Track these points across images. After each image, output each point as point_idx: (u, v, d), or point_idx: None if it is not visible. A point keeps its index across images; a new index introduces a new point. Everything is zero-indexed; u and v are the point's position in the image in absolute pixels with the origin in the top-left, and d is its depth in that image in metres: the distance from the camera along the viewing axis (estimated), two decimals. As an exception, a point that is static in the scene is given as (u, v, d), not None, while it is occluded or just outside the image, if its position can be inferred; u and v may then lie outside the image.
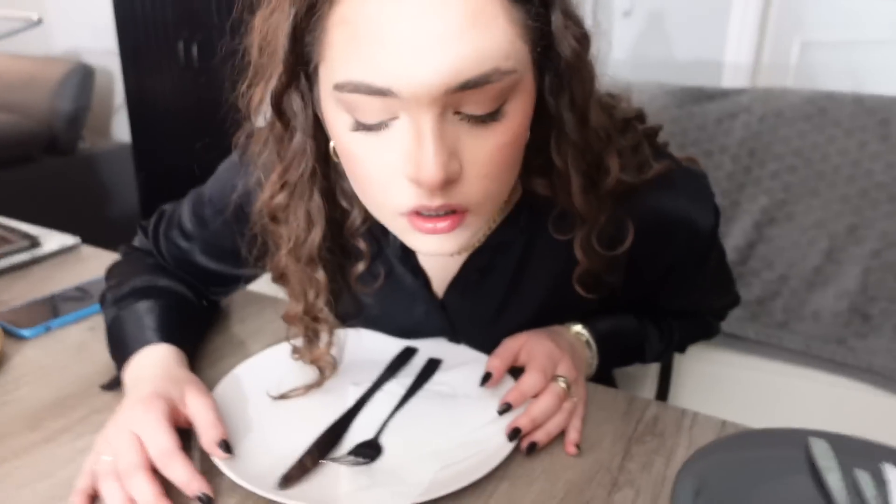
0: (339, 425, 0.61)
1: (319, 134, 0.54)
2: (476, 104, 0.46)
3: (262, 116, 0.56)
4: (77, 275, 0.98)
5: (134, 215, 2.66)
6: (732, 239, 1.13)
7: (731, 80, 1.88)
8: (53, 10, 3.00)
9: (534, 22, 0.48)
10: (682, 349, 0.87)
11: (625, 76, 2.03)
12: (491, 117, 0.47)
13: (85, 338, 0.81)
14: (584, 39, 0.51)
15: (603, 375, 0.90)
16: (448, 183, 0.47)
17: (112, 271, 0.79)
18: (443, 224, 0.50)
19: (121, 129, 2.94)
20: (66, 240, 1.07)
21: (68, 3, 2.93)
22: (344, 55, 0.46)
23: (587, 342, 0.72)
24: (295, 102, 0.53)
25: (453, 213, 0.50)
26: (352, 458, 0.57)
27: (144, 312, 0.69)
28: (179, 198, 0.79)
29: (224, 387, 0.66)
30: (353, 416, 0.63)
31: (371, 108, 0.47)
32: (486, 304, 0.70)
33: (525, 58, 0.48)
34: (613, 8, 1.96)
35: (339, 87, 0.47)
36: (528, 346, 0.66)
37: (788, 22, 1.95)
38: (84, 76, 2.61)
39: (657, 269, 0.70)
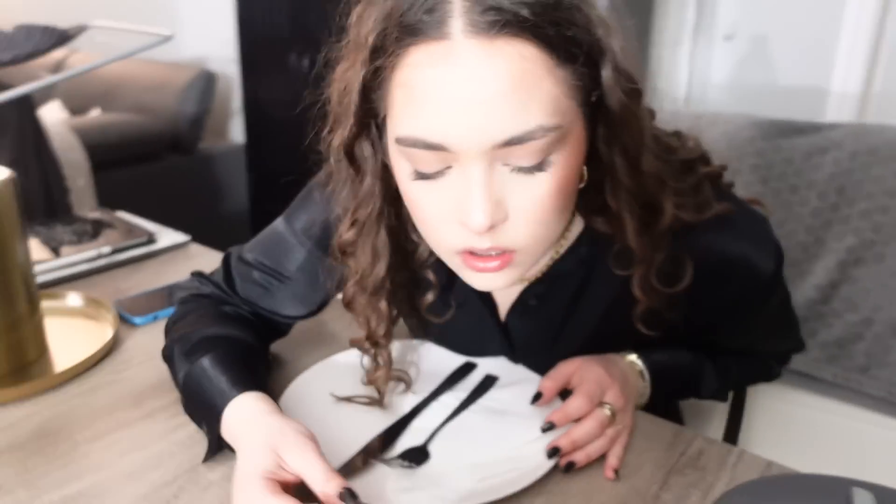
0: (393, 430, 0.67)
1: (388, 176, 0.60)
2: (522, 157, 0.51)
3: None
4: (185, 269, 1.09)
5: (244, 211, 2.85)
6: (815, 277, 1.11)
7: (837, 109, 1.80)
8: (185, 21, 3.26)
9: (580, 80, 0.52)
10: (740, 388, 0.87)
11: (722, 102, 2.02)
12: (537, 168, 0.52)
13: (186, 329, 0.91)
14: (633, 94, 0.54)
15: (668, 409, 0.92)
16: (494, 228, 0.53)
17: (173, 325, 0.75)
18: (492, 264, 0.55)
19: (237, 132, 3.16)
20: (178, 237, 1.19)
21: (198, 16, 3.18)
22: (403, 113, 0.52)
23: (641, 372, 0.74)
24: (365, 149, 0.59)
25: (502, 254, 0.55)
26: (399, 461, 0.62)
27: (219, 364, 0.65)
28: (285, 196, 0.81)
29: (295, 386, 0.74)
30: (407, 423, 0.69)
31: (427, 160, 0.52)
32: (543, 329, 0.74)
33: (572, 112, 0.52)
34: (715, 31, 1.93)
35: (400, 141, 0.53)
36: (581, 371, 0.69)
37: (905, 50, 1.85)
38: (207, 82, 2.82)
39: (714, 309, 0.72)
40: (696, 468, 0.66)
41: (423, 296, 0.72)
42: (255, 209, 2.75)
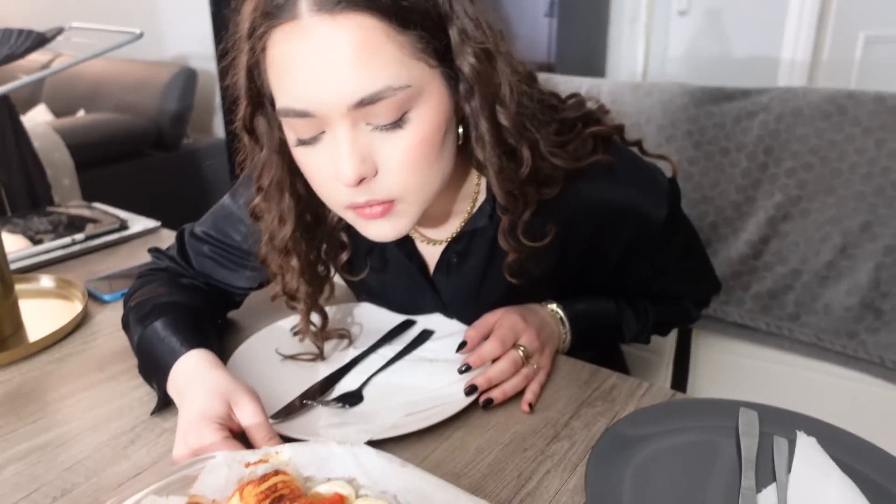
0: (331, 378, 0.74)
1: (285, 148, 0.66)
2: (379, 115, 0.58)
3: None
4: (155, 253, 1.16)
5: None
6: (747, 234, 1.18)
7: (788, 77, 1.87)
8: (165, 20, 3.32)
9: (424, 43, 0.58)
10: (662, 332, 0.94)
11: (679, 74, 2.09)
12: (396, 125, 0.59)
13: (152, 303, 0.98)
14: (482, 54, 0.61)
15: (612, 360, 0.98)
16: (366, 181, 0.60)
17: (130, 297, 0.81)
18: (376, 210, 0.62)
19: (221, 127, 3.23)
20: (149, 223, 1.26)
21: (177, 14, 3.24)
22: (276, 88, 0.60)
23: (560, 319, 0.81)
24: (261, 125, 0.67)
25: (382, 203, 0.62)
26: (334, 402, 0.69)
27: (169, 326, 0.71)
28: None
29: (245, 347, 0.80)
30: (346, 372, 0.76)
31: (302, 127, 0.60)
32: (467, 284, 0.81)
33: (423, 72, 0.59)
34: (671, 6, 1.99)
35: (278, 113, 0.61)
36: (501, 319, 0.76)
37: (851, 17, 1.91)
38: (188, 79, 2.88)
39: (612, 256, 0.79)
40: (606, 400, 0.73)
41: (338, 256, 0.79)
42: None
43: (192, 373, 0.66)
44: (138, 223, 1.26)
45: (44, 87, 3.23)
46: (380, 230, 0.65)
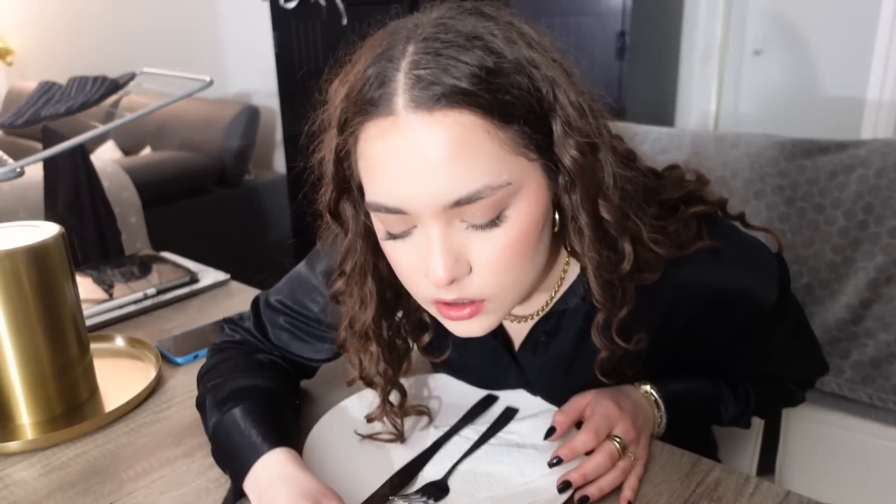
0: (414, 464, 0.70)
1: (371, 233, 0.64)
2: (475, 215, 0.55)
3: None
4: (226, 307, 1.15)
5: (289, 238, 2.93)
6: (846, 297, 1.09)
7: (874, 121, 1.77)
8: (228, 58, 3.40)
9: (526, 138, 0.55)
10: (762, 415, 0.87)
11: (753, 116, 2.02)
12: (492, 224, 0.56)
13: (224, 367, 0.96)
14: (586, 147, 0.57)
15: (700, 437, 0.92)
16: (457, 281, 0.57)
17: (206, 374, 0.78)
18: (464, 312, 0.59)
19: (281, 162, 3.27)
20: (219, 276, 1.25)
21: (241, 52, 3.31)
22: (366, 182, 0.57)
23: (655, 402, 0.75)
24: (347, 210, 0.65)
25: (472, 303, 0.59)
26: (418, 496, 0.65)
27: (249, 415, 0.68)
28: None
29: (319, 426, 0.77)
30: (428, 457, 0.72)
31: (393, 222, 0.57)
32: (555, 362, 0.76)
33: (523, 167, 0.55)
34: (745, 45, 1.92)
35: (368, 206, 0.58)
36: (592, 404, 0.71)
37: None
38: (250, 116, 2.93)
39: (718, 341, 0.73)
40: (712, 499, 0.67)
41: (421, 336, 0.75)
42: (296, 237, 2.82)
43: (275, 474, 0.63)
44: (208, 276, 1.25)
45: (116, 115, 3.33)
46: (467, 328, 0.61)
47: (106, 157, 2.83)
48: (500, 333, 0.77)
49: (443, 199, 0.53)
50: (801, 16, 1.87)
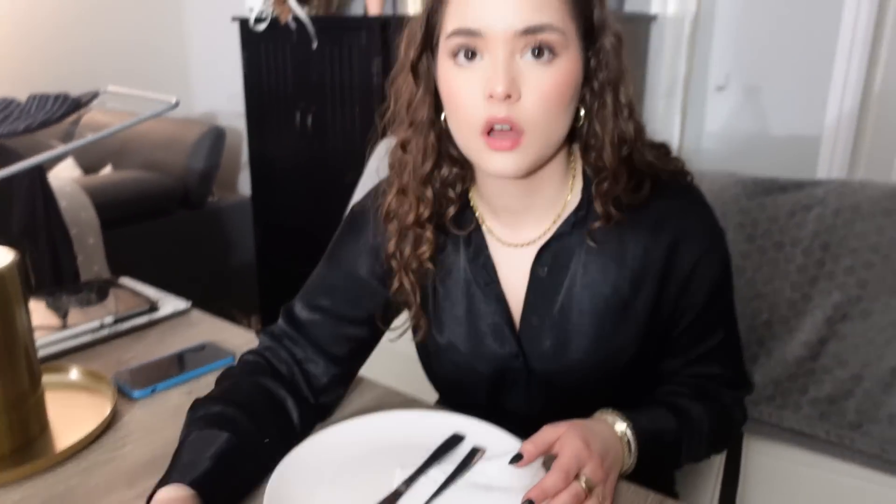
0: (379, 508, 0.69)
1: (435, 99, 0.78)
2: (537, 45, 0.69)
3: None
4: (186, 337, 1.13)
5: (253, 263, 2.89)
6: (803, 334, 1.12)
7: (830, 155, 1.83)
8: (196, 77, 3.37)
9: (579, 10, 0.72)
10: (715, 447, 0.89)
11: (715, 150, 2.05)
12: (547, 59, 0.70)
13: (182, 401, 0.93)
14: (619, 38, 0.75)
15: (662, 476, 0.93)
16: (510, 99, 0.69)
17: (217, 382, 0.85)
18: (505, 142, 0.71)
19: (246, 184, 3.23)
20: (179, 304, 1.23)
21: (208, 72, 3.28)
22: (455, 13, 0.72)
23: (628, 443, 0.75)
24: (423, 67, 0.79)
25: (513, 132, 0.71)
26: (383, 541, 0.64)
27: (189, 444, 0.72)
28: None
29: (286, 464, 0.75)
30: (395, 500, 0.70)
31: (469, 45, 0.71)
32: (551, 306, 0.83)
33: (572, 31, 0.71)
34: (708, 82, 1.97)
35: (450, 35, 0.72)
36: (562, 440, 0.71)
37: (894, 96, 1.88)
38: (216, 137, 2.89)
39: (699, 300, 0.83)
40: (675, 540, 0.67)
41: (447, 209, 0.84)
42: (260, 262, 2.79)
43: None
44: (168, 304, 1.22)
45: (76, 134, 3.25)
46: (504, 161, 0.72)
47: (64, 176, 2.76)
48: (492, 270, 0.85)
49: (517, 23, 0.68)
50: (761, 53, 1.93)
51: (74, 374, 0.98)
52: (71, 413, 0.89)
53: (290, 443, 0.79)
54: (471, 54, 0.71)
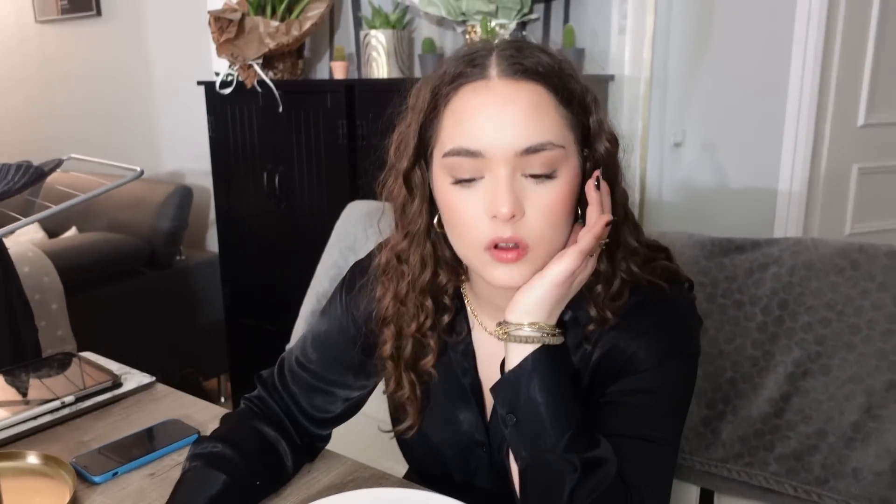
0: None
1: (430, 206, 0.78)
2: (537, 166, 0.69)
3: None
4: (151, 414, 1.10)
5: (220, 321, 2.85)
6: (767, 391, 1.14)
7: (786, 207, 1.89)
8: (164, 137, 3.37)
9: (576, 122, 0.72)
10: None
11: (675, 204, 2.10)
12: (547, 177, 0.70)
13: (144, 484, 0.91)
14: (614, 139, 0.75)
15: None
16: (514, 219, 0.69)
17: (223, 419, 0.93)
18: (510, 255, 0.70)
19: (215, 241, 3.21)
20: (143, 378, 1.20)
21: (176, 132, 3.29)
22: (452, 132, 0.71)
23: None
24: (417, 177, 0.77)
25: (518, 248, 0.70)
26: None
27: (184, 482, 0.80)
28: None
29: None
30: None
31: (466, 167, 0.70)
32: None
33: (570, 142, 0.72)
34: (665, 139, 2.03)
35: (447, 154, 0.71)
36: None
37: (844, 149, 1.96)
38: (183, 197, 2.88)
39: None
40: None
41: (443, 317, 0.84)
42: (229, 320, 2.76)
43: None
44: (132, 379, 1.20)
45: (37, 205, 3.22)
46: (510, 273, 0.71)
47: (26, 241, 2.72)
48: (475, 387, 0.85)
49: (517, 144, 0.68)
50: (714, 110, 2.00)
51: (32, 459, 0.95)
52: (28, 501, 0.86)
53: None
54: (470, 179, 0.70)
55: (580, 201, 0.74)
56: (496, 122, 0.68)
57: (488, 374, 0.84)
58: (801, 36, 1.82)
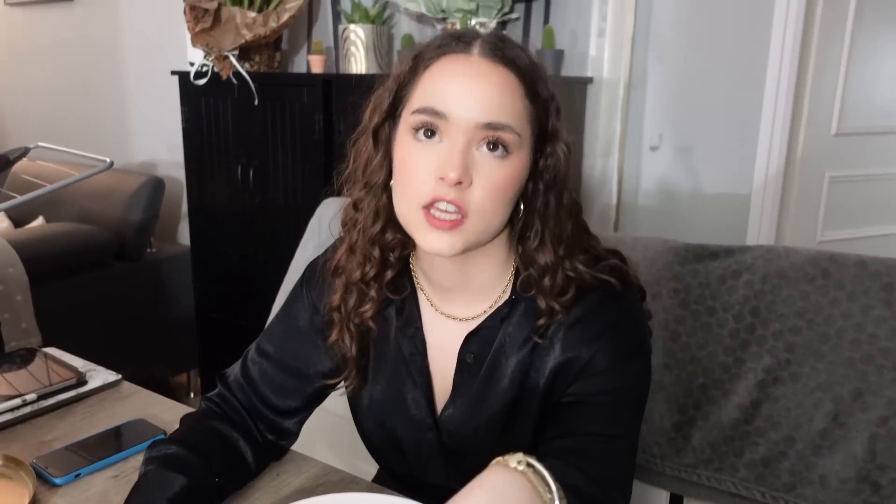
0: None
1: (390, 165, 0.79)
2: (492, 142, 0.72)
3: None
4: (115, 414, 1.08)
5: (191, 315, 2.80)
6: (737, 397, 1.15)
7: (759, 211, 1.91)
8: (135, 127, 3.31)
9: (536, 118, 0.75)
10: None
11: (651, 207, 2.11)
12: (501, 153, 0.72)
13: (108, 486, 0.89)
14: (569, 149, 0.78)
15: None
16: (461, 186, 0.71)
17: (182, 420, 0.92)
18: (445, 223, 0.72)
19: (186, 234, 3.16)
20: (109, 376, 1.18)
21: (148, 123, 3.23)
22: (425, 93, 0.75)
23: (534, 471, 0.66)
24: (384, 133, 0.80)
25: (456, 214, 0.72)
26: None
27: (148, 486, 0.79)
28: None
29: None
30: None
31: (430, 125, 0.73)
32: (468, 393, 0.84)
33: (527, 135, 0.75)
34: (643, 142, 2.04)
35: (416, 111, 0.74)
36: None
37: (815, 159, 1.99)
38: (155, 189, 2.82)
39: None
40: None
41: (386, 271, 0.85)
42: (199, 315, 2.72)
43: None
44: (97, 376, 1.17)
45: (1, 194, 3.14)
46: (438, 241, 0.73)
47: (-8, 229, 2.65)
48: (424, 371, 0.86)
49: (480, 117, 0.71)
50: (690, 114, 2.01)
51: (-9, 459, 0.92)
52: (-15, 505, 0.83)
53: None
54: (430, 133, 0.73)
55: (522, 196, 0.78)
56: (466, 92, 0.72)
57: (438, 359, 0.87)
58: (778, 42, 1.83)
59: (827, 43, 1.94)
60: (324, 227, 1.69)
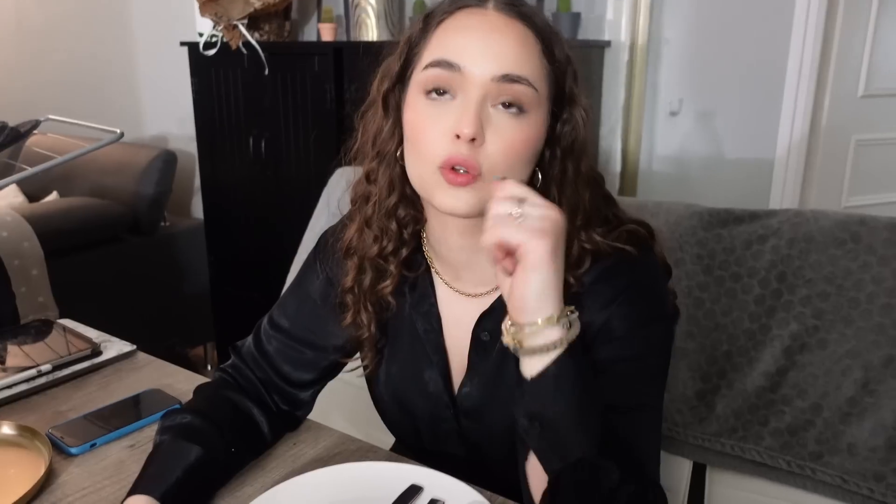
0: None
1: (401, 134, 0.76)
2: (510, 96, 0.68)
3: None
4: (131, 384, 1.07)
5: (206, 289, 2.80)
6: (763, 364, 1.12)
7: (783, 179, 1.87)
8: (146, 101, 3.29)
9: (552, 77, 0.72)
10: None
11: (669, 174, 2.07)
12: (517, 112, 0.69)
13: (123, 456, 0.88)
14: (588, 110, 0.75)
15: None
16: (475, 143, 0.68)
17: (195, 391, 0.91)
18: (463, 179, 0.68)
19: (200, 208, 3.15)
20: (124, 346, 1.17)
21: (159, 96, 3.21)
22: (438, 46, 0.72)
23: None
24: (393, 99, 0.77)
25: (470, 173, 0.68)
26: None
27: (156, 454, 0.79)
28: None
29: None
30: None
31: (443, 79, 0.70)
32: (483, 371, 0.82)
33: (544, 93, 0.71)
34: (658, 108, 1.99)
35: (428, 65, 0.71)
36: None
37: (842, 121, 1.93)
38: (167, 162, 2.81)
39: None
40: None
41: (402, 248, 0.83)
42: (214, 288, 2.72)
43: None
44: (112, 347, 1.16)
45: (15, 167, 3.13)
46: (455, 198, 0.70)
47: (4, 205, 2.65)
48: (440, 347, 0.84)
49: (496, 68, 0.68)
50: (712, 79, 1.95)
51: (6, 429, 0.91)
52: (3, 473, 0.83)
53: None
54: (442, 91, 0.70)
55: (539, 164, 0.74)
56: (481, 45, 0.69)
57: (454, 336, 0.84)
58: (804, 2, 1.77)
59: (854, 0, 1.87)
60: (336, 196, 1.66)
